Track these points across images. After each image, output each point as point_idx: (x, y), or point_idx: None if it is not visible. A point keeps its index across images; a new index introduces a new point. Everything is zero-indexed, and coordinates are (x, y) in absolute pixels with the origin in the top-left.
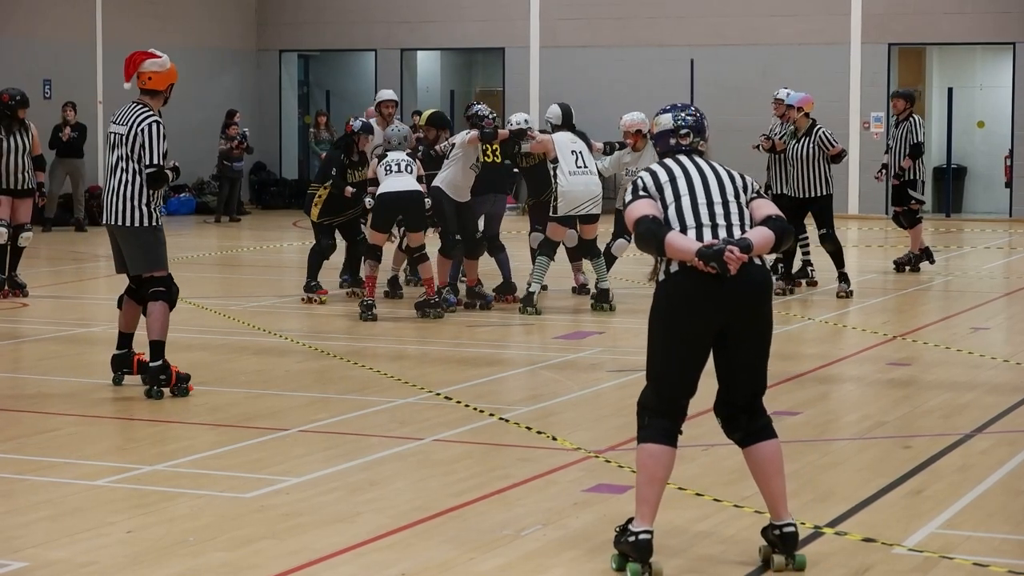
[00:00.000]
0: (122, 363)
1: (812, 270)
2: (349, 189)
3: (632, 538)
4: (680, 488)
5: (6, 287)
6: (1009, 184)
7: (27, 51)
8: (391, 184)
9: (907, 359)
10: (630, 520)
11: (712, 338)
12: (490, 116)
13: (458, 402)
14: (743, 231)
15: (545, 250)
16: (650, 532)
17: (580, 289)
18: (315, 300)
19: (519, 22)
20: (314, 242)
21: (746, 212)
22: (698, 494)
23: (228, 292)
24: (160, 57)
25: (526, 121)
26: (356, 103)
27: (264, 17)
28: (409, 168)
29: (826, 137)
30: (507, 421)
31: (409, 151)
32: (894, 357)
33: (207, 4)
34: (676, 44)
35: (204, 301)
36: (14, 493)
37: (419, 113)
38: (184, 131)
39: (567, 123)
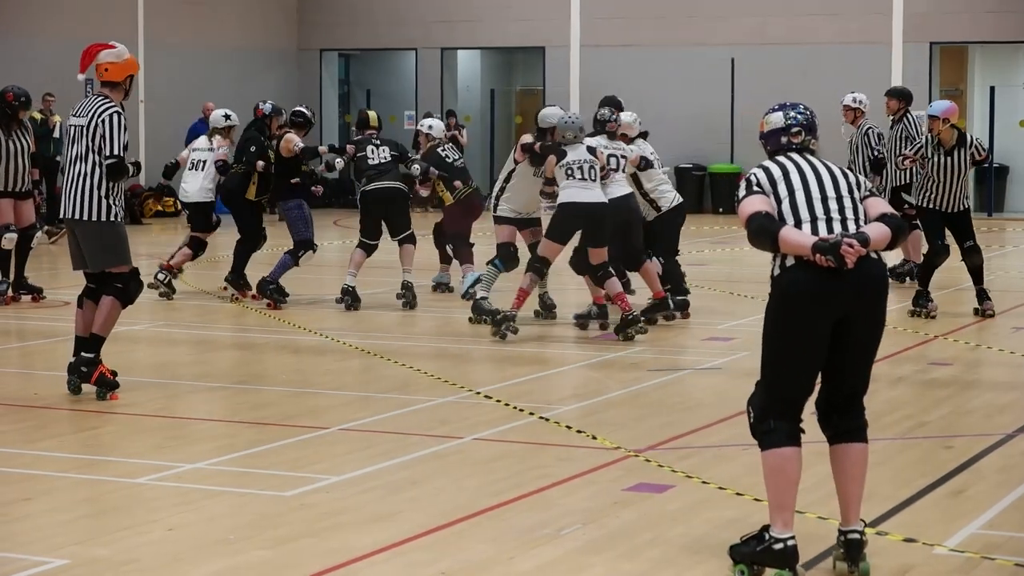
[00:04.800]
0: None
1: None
2: (260, 163)
3: (779, 545)
4: (720, 488)
5: (10, 291)
6: None
7: (69, 52)
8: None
9: (948, 359)
10: (765, 528)
11: (830, 333)
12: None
13: (498, 401)
14: (858, 226)
15: None
16: (794, 537)
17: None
18: (237, 298)
19: (559, 21)
20: (239, 237)
21: (860, 207)
22: (738, 493)
23: None
24: (117, 48)
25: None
26: (397, 102)
27: (305, 17)
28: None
29: (981, 145)
30: (547, 420)
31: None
32: (935, 357)
33: (248, 5)
34: (716, 44)
35: (245, 300)
36: (55, 491)
37: (454, 114)
38: None
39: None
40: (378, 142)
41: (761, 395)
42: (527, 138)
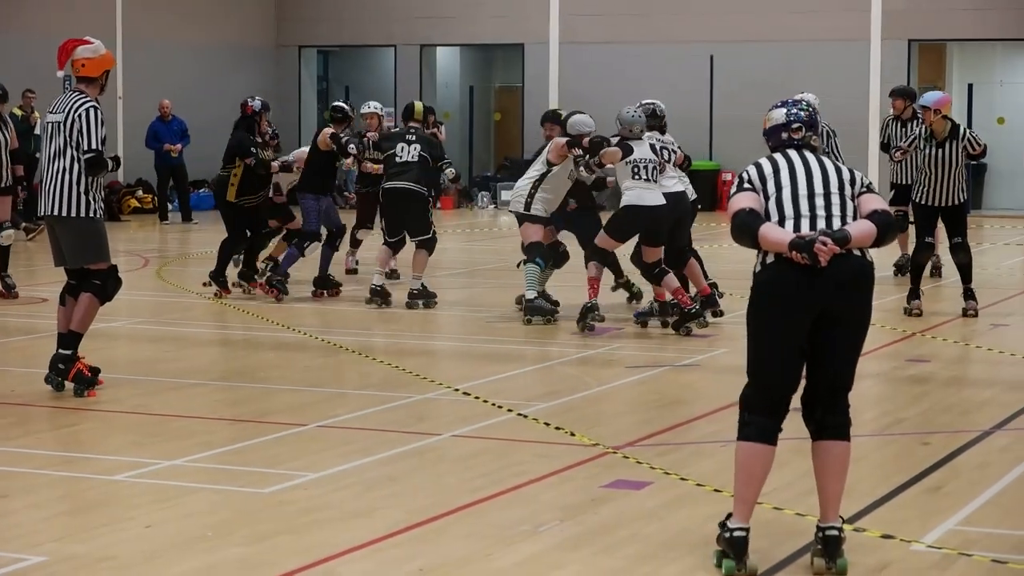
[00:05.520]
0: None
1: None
2: (275, 165)
3: (728, 535)
4: (698, 484)
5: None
6: None
7: (47, 47)
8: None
9: (926, 356)
10: (729, 516)
11: (809, 329)
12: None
13: (476, 398)
14: (844, 223)
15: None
16: (745, 530)
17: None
18: (219, 294)
19: (538, 18)
20: (226, 234)
21: (850, 205)
22: (716, 490)
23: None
24: (93, 43)
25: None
26: (375, 99)
27: (283, 13)
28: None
29: (975, 138)
30: (525, 417)
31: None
32: (913, 353)
33: (227, 1)
34: (695, 40)
35: (223, 297)
36: (33, 488)
37: (432, 111)
38: (204, 127)
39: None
40: (413, 138)
41: (746, 388)
42: (562, 140)
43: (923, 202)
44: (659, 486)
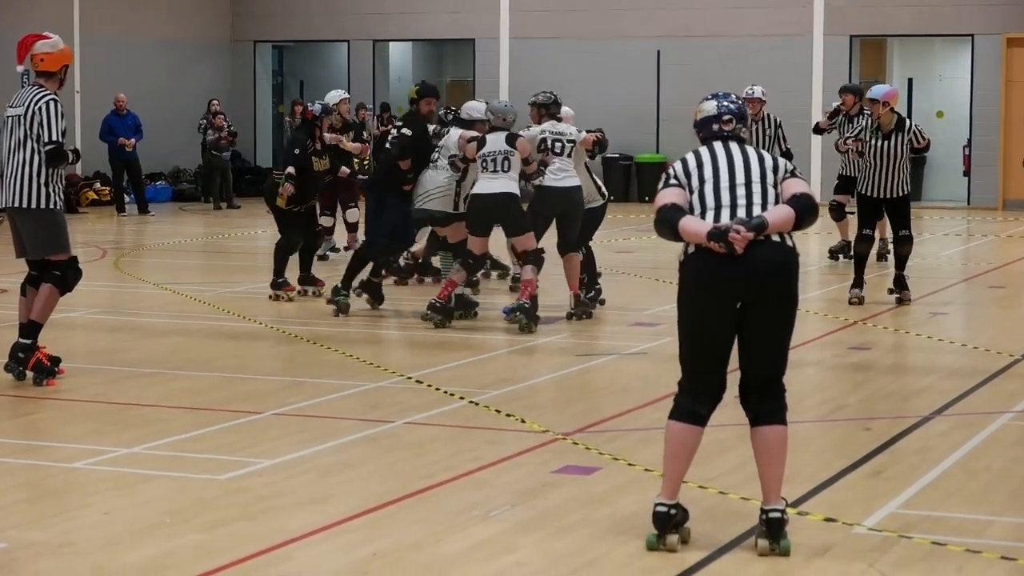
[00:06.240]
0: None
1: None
2: (345, 170)
3: (653, 509)
4: (646, 470)
5: None
6: (967, 173)
7: (5, 42)
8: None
9: (867, 343)
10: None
11: (733, 316)
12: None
13: (429, 386)
14: (764, 211)
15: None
16: (666, 505)
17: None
18: (283, 297)
19: (489, 13)
20: (279, 236)
21: (772, 192)
22: (663, 475)
23: (204, 278)
24: (52, 38)
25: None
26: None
27: (239, 8)
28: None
29: (920, 131)
30: (477, 404)
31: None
32: (854, 341)
33: None
34: (643, 36)
35: (180, 287)
36: None
37: (388, 108)
38: (160, 121)
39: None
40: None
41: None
42: (468, 134)
43: (866, 193)
44: (608, 471)
